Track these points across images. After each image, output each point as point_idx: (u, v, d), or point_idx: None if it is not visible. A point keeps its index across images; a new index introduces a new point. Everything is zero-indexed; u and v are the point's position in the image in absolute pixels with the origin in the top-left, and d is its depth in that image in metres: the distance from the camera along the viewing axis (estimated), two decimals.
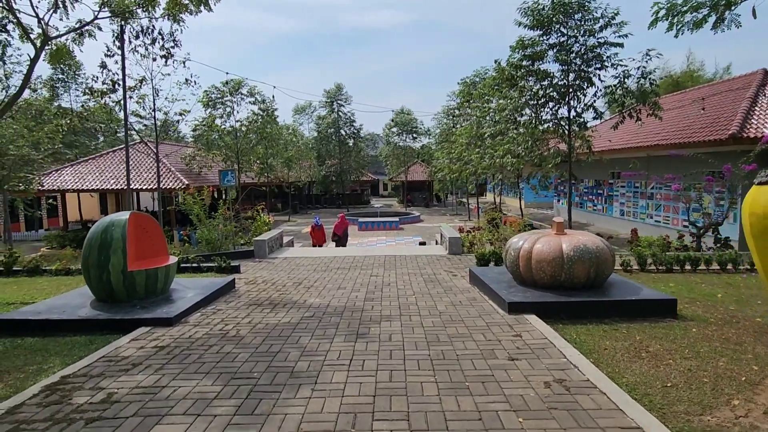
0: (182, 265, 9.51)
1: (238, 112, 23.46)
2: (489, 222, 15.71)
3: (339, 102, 39.06)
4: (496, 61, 14.98)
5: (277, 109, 25.06)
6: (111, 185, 20.73)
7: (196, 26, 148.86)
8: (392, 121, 43.18)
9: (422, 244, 18.82)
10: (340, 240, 15.39)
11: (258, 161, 26.27)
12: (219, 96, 22.77)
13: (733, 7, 7.27)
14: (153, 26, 9.90)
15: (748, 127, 13.05)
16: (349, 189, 43.78)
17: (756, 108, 14.07)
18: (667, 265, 9.00)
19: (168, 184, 20.25)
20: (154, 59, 12.39)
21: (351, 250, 12.50)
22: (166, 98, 13.77)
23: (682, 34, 8.08)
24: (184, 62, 12.26)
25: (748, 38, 71.21)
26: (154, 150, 14.90)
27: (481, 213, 25.41)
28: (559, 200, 26.55)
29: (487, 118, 20.60)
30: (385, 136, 45.42)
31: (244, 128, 24.01)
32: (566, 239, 6.29)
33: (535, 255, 6.28)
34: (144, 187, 20.49)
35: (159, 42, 10.94)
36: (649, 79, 12.96)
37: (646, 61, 12.96)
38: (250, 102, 23.45)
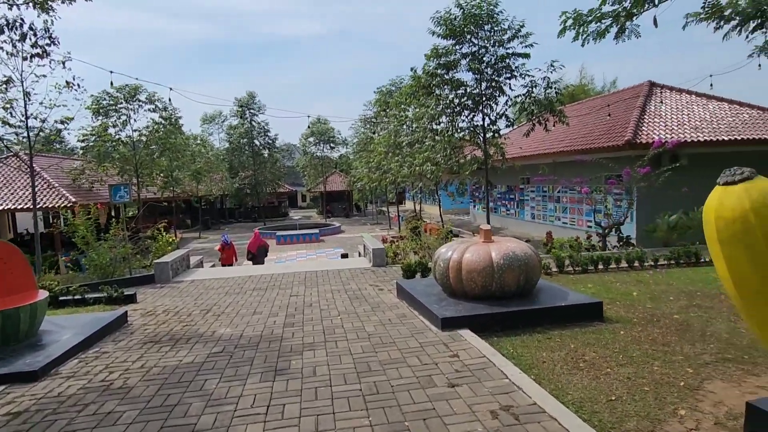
0: (62, 298, 8.00)
1: (135, 120, 21.21)
2: (411, 231, 15.55)
3: (252, 111, 37.28)
4: (411, 69, 14.98)
5: (181, 117, 23.11)
6: None
7: (91, 28, 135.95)
8: (309, 130, 42.24)
9: (344, 256, 18.21)
10: (256, 258, 14.23)
11: (161, 174, 24.01)
12: (112, 102, 20.41)
13: (634, 18, 7.68)
14: (22, 20, 8.39)
15: (640, 133, 14.23)
16: (265, 202, 41.87)
17: (645, 116, 15.44)
18: (582, 265, 9.29)
19: (49, 203, 17.62)
20: (25, 58, 10.63)
21: (268, 268, 11.56)
22: (41, 103, 11.79)
23: (587, 43, 8.41)
24: (63, 63, 10.58)
25: (630, 56, 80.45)
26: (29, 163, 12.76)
27: (402, 221, 25.44)
28: (474, 206, 27.44)
29: (405, 126, 20.68)
30: (301, 146, 44.28)
31: (144, 138, 21.79)
32: (495, 247, 6.08)
33: (465, 265, 5.99)
34: (18, 207, 17.63)
35: (30, 38, 9.37)
36: (555, 88, 13.65)
37: (551, 72, 13.68)
38: (149, 109, 21.33)
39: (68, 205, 17.11)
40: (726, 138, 14.39)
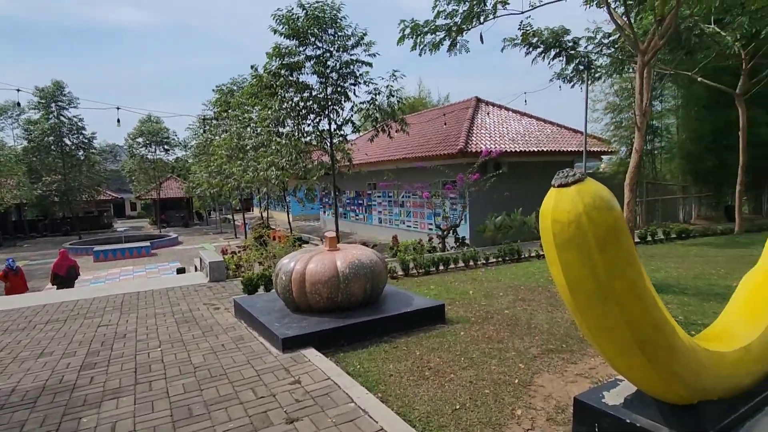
0: None
1: None
2: (256, 239, 14.54)
3: (60, 104, 31.20)
4: (252, 67, 14.03)
5: None
6: None
7: None
8: (137, 129, 37.25)
9: (181, 271, 16.21)
10: (65, 281, 11.52)
11: None
12: None
13: (463, 33, 8.19)
14: None
15: (471, 143, 15.65)
16: (80, 211, 35.50)
17: (474, 128, 17.07)
18: (426, 267, 9.63)
19: None
20: None
21: (72, 293, 9.46)
22: None
23: (424, 53, 8.75)
24: None
25: (461, 75, 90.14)
26: None
27: (249, 229, 23.93)
28: (325, 212, 27.30)
29: (248, 129, 19.45)
30: (128, 148, 38.76)
31: None
32: (340, 255, 5.75)
33: (309, 277, 5.52)
34: None
35: None
36: (397, 96, 14.17)
37: (393, 81, 14.17)
38: None
39: None
40: (535, 149, 16.73)
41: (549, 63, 12.44)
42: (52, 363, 5.01)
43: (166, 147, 38.43)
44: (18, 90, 14.83)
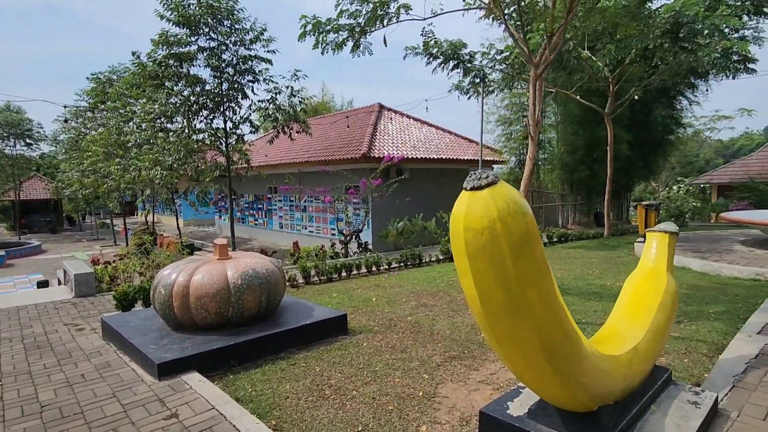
0: None
1: None
2: (138, 246, 12.98)
3: None
4: (134, 53, 12.55)
5: None
6: None
7: None
8: None
9: (43, 284, 13.88)
10: None
11: None
12: None
13: (367, 35, 8.03)
14: None
15: (374, 148, 15.65)
16: None
17: (377, 134, 17.14)
18: (328, 274, 9.27)
19: None
20: None
21: None
22: None
23: (327, 52, 8.43)
24: None
25: (361, 82, 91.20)
26: None
27: (131, 236, 21.49)
28: (221, 216, 25.59)
29: (131, 124, 17.44)
30: None
31: None
32: (231, 265, 5.17)
33: (193, 290, 4.87)
34: None
35: None
36: (299, 97, 13.65)
37: (295, 80, 13.65)
38: None
39: None
40: (435, 157, 17.29)
41: (448, 74, 12.88)
42: None
43: (28, 141, 33.20)
44: None
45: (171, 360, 4.23)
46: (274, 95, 13.62)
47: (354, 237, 13.67)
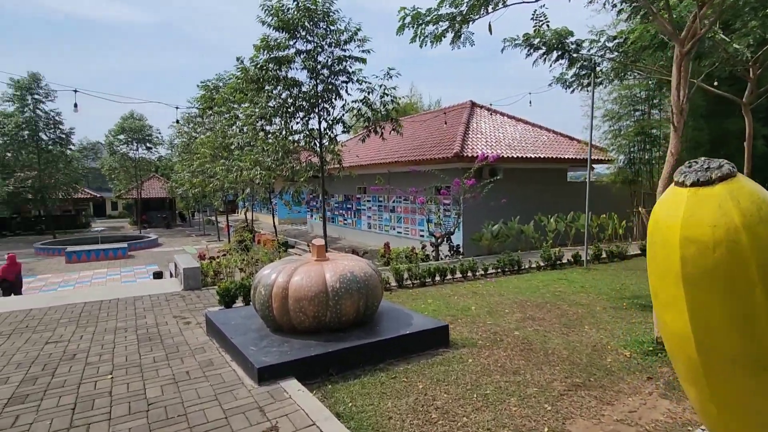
0: None
1: None
2: (239, 243, 13.63)
3: (36, 97, 29.76)
4: (238, 59, 13.17)
5: None
6: None
7: None
8: (119, 126, 35.95)
9: (158, 275, 15.21)
10: (13, 287, 10.77)
11: None
12: None
13: (469, 24, 7.49)
14: None
15: (466, 147, 14.98)
16: (58, 210, 33.99)
17: (469, 132, 16.43)
18: (421, 278, 8.88)
19: None
20: None
21: (29, 300, 8.49)
22: None
23: (425, 45, 8.01)
24: None
25: (449, 81, 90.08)
26: None
27: (233, 232, 22.94)
28: (312, 215, 26.41)
29: (234, 127, 18.53)
30: (107, 144, 37.32)
31: None
32: (329, 267, 4.96)
33: (292, 292, 4.72)
34: None
35: None
36: (391, 95, 13.43)
37: (387, 79, 13.44)
38: None
39: None
40: (532, 156, 16.15)
41: (551, 66, 11.89)
42: None
43: (148, 145, 37.12)
44: None
45: (271, 365, 4.07)
46: (366, 95, 13.54)
47: (445, 239, 13.14)
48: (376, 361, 4.58)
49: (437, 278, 9.12)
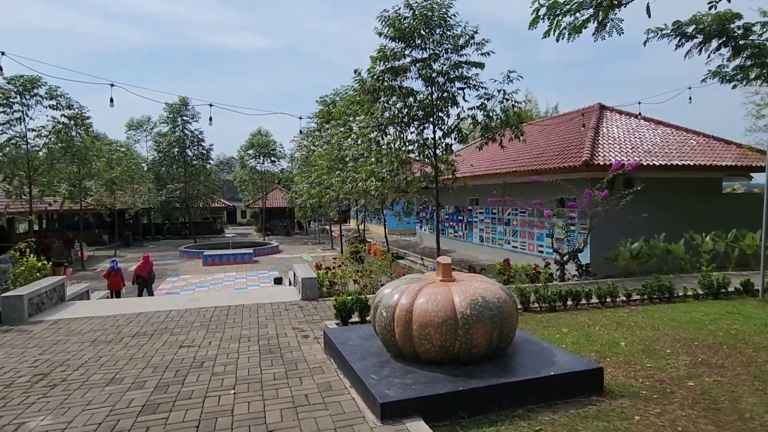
0: None
1: (31, 118, 17.97)
2: (352, 254, 13.70)
3: (184, 118, 34.06)
4: (356, 71, 13.34)
5: (89, 118, 19.92)
6: None
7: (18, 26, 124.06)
8: (248, 141, 39.64)
9: (278, 280, 16.06)
10: (145, 282, 12.49)
11: (66, 182, 20.65)
12: (1, 95, 17.11)
13: (620, 8, 6.47)
14: None
15: (597, 154, 13.40)
16: (199, 217, 38.40)
17: (599, 138, 14.74)
18: (550, 302, 7.86)
19: None
20: None
21: (170, 301, 9.25)
22: None
23: (562, 38, 7.12)
24: None
25: (565, 86, 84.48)
26: None
27: (345, 242, 23.56)
28: (421, 227, 26.11)
29: (349, 139, 19.01)
30: (239, 159, 41.34)
31: (43, 139, 18.59)
32: (457, 290, 4.39)
33: (417, 316, 4.24)
34: None
35: None
36: (512, 100, 12.52)
37: (507, 83, 12.56)
38: (49, 106, 18.15)
39: None
40: (679, 163, 13.92)
41: (708, 56, 10.06)
42: (116, 396, 4.28)
43: (273, 159, 40.32)
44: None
45: (394, 401, 3.61)
46: (484, 101, 12.81)
47: (572, 257, 11.76)
48: (514, 405, 3.88)
49: (569, 302, 8.02)
